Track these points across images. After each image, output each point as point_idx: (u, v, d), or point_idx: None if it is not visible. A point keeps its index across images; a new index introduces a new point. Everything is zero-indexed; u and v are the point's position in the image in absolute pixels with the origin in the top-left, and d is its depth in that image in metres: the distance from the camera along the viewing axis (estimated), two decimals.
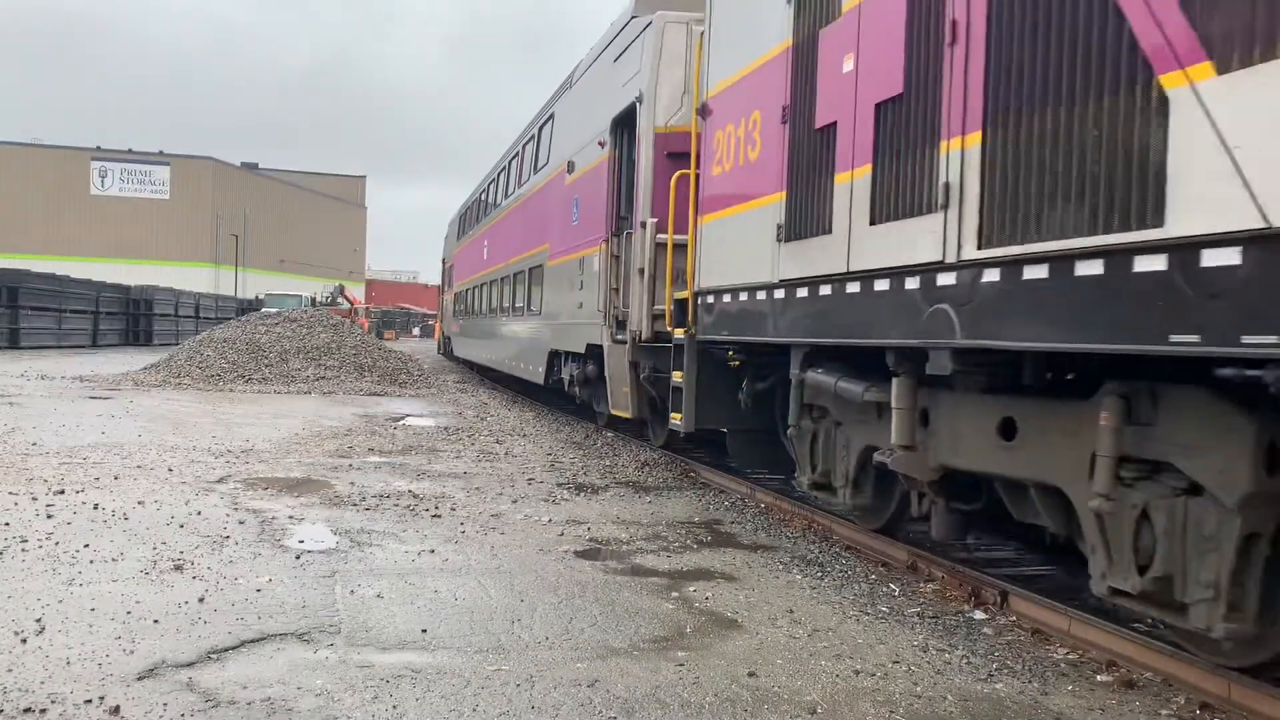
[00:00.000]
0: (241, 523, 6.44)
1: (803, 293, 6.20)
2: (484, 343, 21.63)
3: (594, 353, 11.70)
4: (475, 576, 5.35)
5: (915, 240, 4.97)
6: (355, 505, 7.22)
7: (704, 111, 8.02)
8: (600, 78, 12.07)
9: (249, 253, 71.63)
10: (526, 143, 17.39)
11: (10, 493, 7.06)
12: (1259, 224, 3.13)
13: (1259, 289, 3.14)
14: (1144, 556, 4.07)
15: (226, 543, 5.86)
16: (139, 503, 6.93)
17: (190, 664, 3.83)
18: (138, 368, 20.82)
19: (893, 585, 5.53)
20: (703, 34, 8.20)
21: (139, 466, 8.58)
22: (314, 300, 49.89)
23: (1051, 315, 4.04)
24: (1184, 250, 3.41)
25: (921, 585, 5.54)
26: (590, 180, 11.98)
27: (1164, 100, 3.48)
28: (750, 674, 3.97)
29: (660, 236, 9.23)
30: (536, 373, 15.06)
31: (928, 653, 4.35)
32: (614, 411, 11.10)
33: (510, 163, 19.27)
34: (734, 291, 7.29)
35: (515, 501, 7.66)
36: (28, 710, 3.31)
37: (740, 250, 7.18)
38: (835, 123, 5.84)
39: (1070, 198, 3.93)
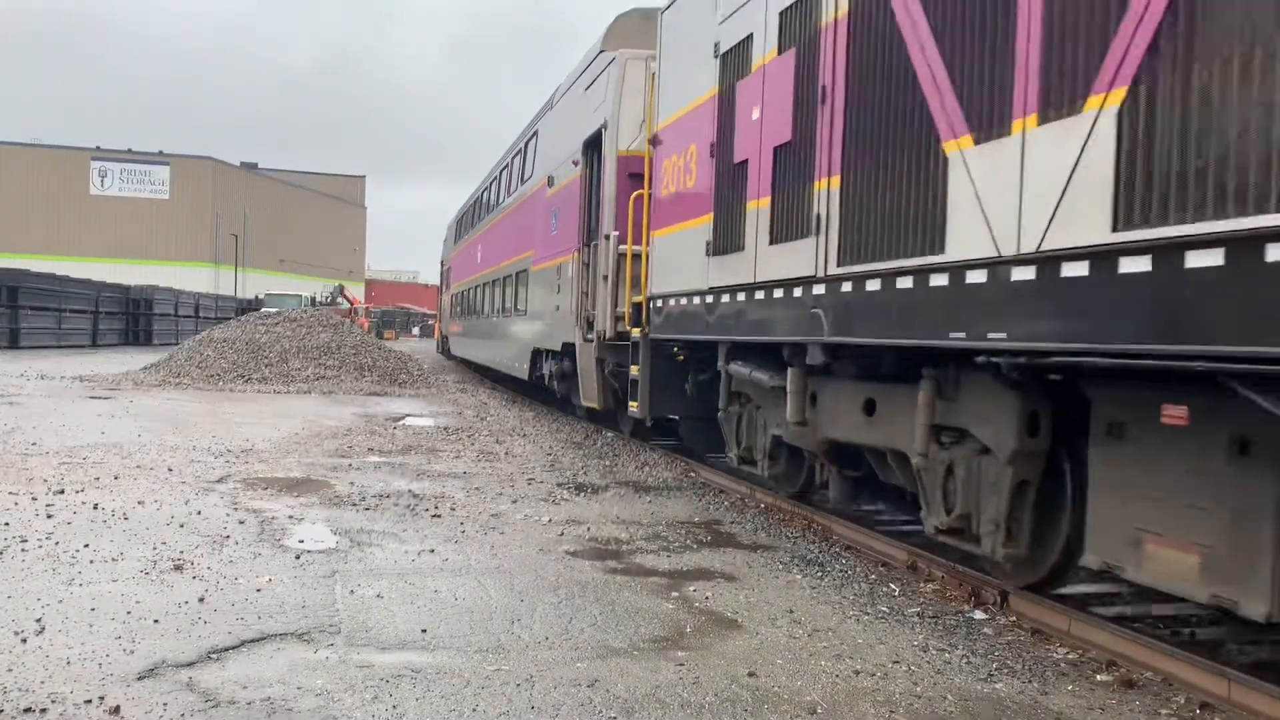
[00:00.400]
0: (241, 523, 6.44)
1: (725, 298, 7.51)
2: (477, 342, 23.18)
3: (568, 350, 12.80)
4: (475, 576, 5.35)
5: (799, 257, 6.29)
6: (355, 505, 7.22)
7: (655, 141, 9.33)
8: (575, 102, 13.31)
9: (249, 253, 71.60)
10: (515, 155, 18.73)
11: (10, 493, 7.06)
12: (994, 253, 4.45)
13: (994, 300, 4.46)
14: (951, 501, 5.29)
15: (226, 543, 5.86)
16: (139, 502, 6.93)
17: (190, 664, 3.83)
18: (137, 367, 20.82)
19: (893, 585, 5.53)
20: (654, 74, 9.49)
21: (139, 466, 8.58)
22: (314, 300, 49.87)
23: (884, 318, 5.34)
24: (957, 271, 4.71)
25: (921, 585, 5.54)
26: (566, 194, 13.14)
27: (945, 160, 4.82)
28: (750, 674, 3.97)
29: (621, 248, 10.34)
30: (522, 369, 16.38)
31: (928, 653, 4.35)
32: (584, 403, 12.15)
33: (501, 173, 20.59)
34: (677, 296, 8.60)
35: (515, 501, 7.66)
36: (28, 710, 3.31)
37: (681, 261, 8.47)
38: (747, 160, 7.13)
39: (893, 228, 5.25)
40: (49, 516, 6.33)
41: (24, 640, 4.00)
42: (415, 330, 79.54)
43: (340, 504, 7.25)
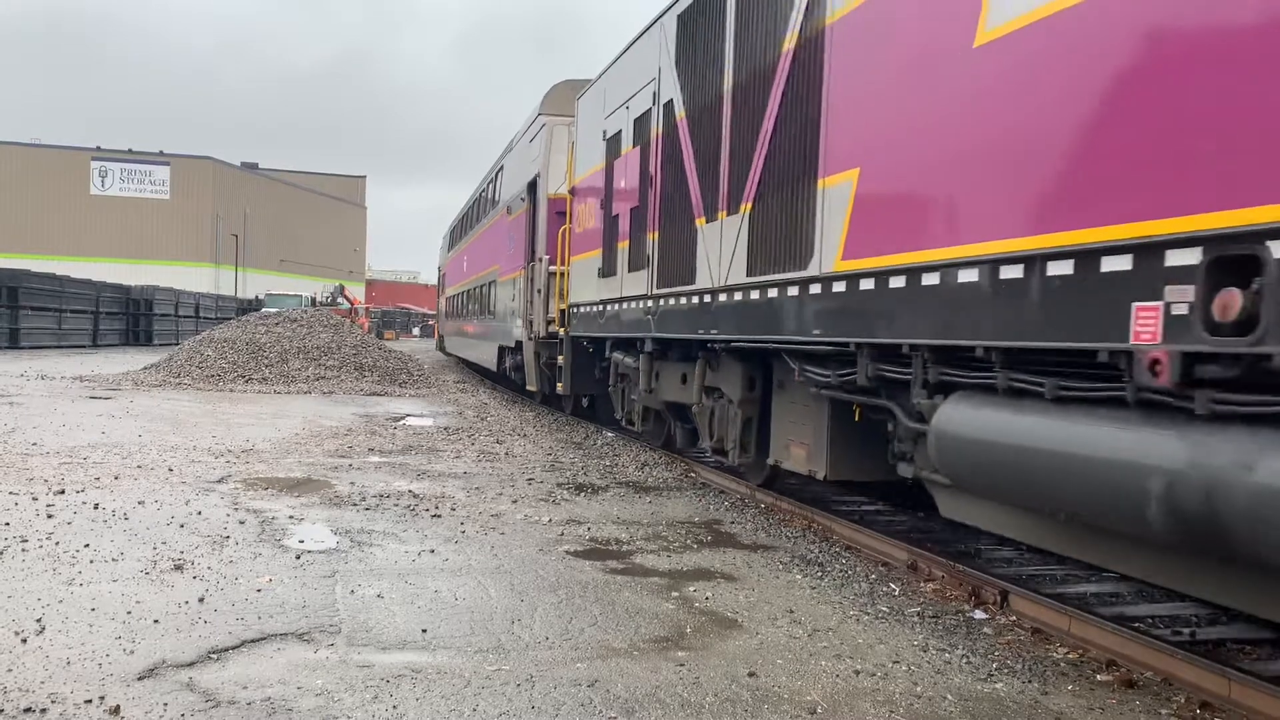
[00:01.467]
0: (242, 523, 6.44)
1: (608, 307, 10.76)
2: (465, 340, 27.22)
3: (520, 346, 16.25)
4: (475, 576, 5.36)
5: (641, 281, 9.57)
6: (355, 505, 7.22)
7: (573, 192, 12.77)
8: (524, 150, 16.97)
9: (249, 253, 71.53)
10: (490, 183, 22.58)
11: (10, 493, 7.06)
12: (712, 285, 7.67)
13: (713, 311, 7.65)
14: (713, 431, 8.65)
15: (227, 543, 5.86)
16: (139, 503, 6.93)
17: (190, 664, 3.84)
18: (138, 368, 20.82)
19: (893, 585, 5.53)
20: (572, 141, 12.94)
21: (139, 466, 8.58)
22: (314, 300, 49.81)
23: (678, 321, 8.54)
24: (700, 295, 7.98)
25: (921, 585, 5.54)
26: (519, 222, 16.71)
27: (696, 230, 8.09)
28: (750, 674, 3.97)
29: (551, 268, 13.65)
30: (492, 362, 20.13)
31: (928, 652, 4.35)
32: (529, 386, 15.87)
33: (481, 196, 24.57)
34: (584, 305, 11.90)
35: (515, 501, 7.66)
36: (28, 710, 3.31)
37: (586, 281, 11.78)
38: (618, 215, 10.47)
39: (678, 267, 8.52)
40: (49, 516, 6.34)
41: (24, 640, 4.00)
42: (415, 330, 79.52)
43: (340, 504, 7.25)
